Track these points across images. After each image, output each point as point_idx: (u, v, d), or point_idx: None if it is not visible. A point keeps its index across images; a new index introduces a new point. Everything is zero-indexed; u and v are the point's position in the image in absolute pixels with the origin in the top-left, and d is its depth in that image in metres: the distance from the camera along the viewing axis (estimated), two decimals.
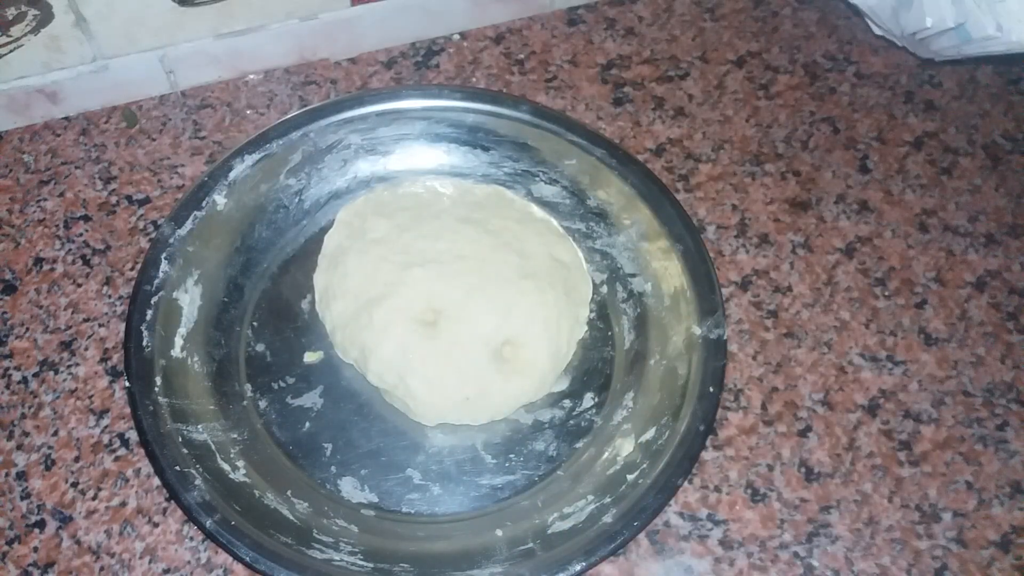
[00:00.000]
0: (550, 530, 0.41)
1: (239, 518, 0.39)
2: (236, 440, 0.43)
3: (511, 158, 0.51)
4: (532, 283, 0.46)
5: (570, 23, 0.61)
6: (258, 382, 0.45)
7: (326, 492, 0.43)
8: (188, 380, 0.43)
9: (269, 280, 0.48)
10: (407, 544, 0.41)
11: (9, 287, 0.49)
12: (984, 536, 0.43)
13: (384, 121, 0.50)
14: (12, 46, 0.50)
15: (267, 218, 0.49)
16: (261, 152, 0.48)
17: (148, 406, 0.41)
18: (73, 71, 0.53)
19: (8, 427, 0.45)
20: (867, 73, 0.61)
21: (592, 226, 0.50)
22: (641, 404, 0.44)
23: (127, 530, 0.42)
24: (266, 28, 0.55)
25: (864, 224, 0.54)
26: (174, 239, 0.45)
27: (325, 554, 0.39)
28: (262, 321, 0.47)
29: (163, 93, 0.57)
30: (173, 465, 0.40)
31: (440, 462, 0.44)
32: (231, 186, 0.47)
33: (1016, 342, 0.49)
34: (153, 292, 0.44)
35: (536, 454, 0.44)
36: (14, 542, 0.42)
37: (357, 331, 0.45)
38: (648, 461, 0.41)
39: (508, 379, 0.44)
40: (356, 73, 0.58)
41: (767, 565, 0.42)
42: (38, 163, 0.54)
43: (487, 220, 0.48)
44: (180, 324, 0.45)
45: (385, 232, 0.47)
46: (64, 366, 0.47)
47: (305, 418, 0.45)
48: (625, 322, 0.48)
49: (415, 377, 0.44)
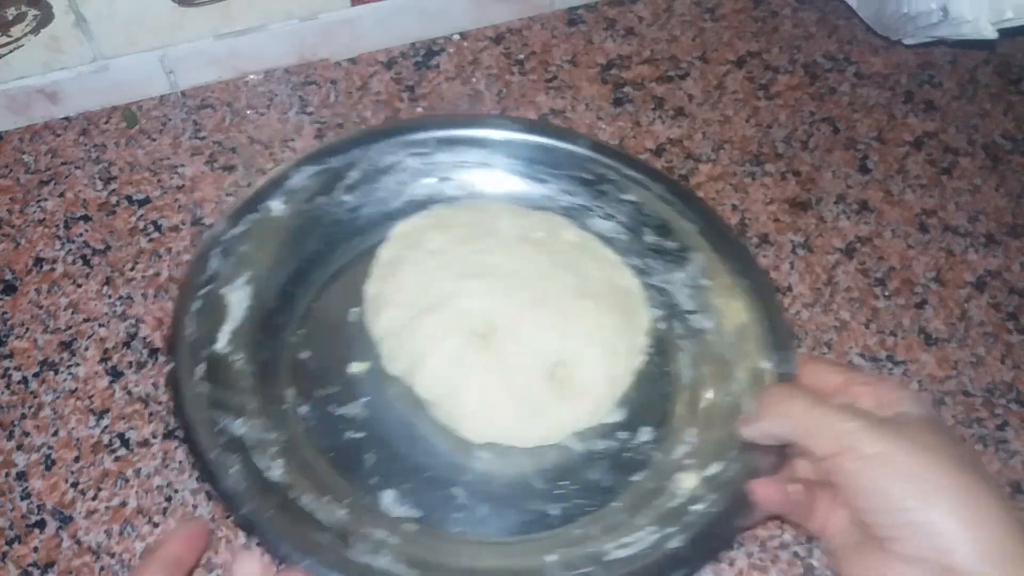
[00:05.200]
0: (608, 557, 0.38)
1: (274, 513, 0.38)
2: (275, 440, 0.41)
3: (568, 192, 0.50)
4: (591, 304, 0.45)
5: (570, 23, 0.61)
6: (301, 388, 0.44)
7: (366, 503, 0.41)
8: (230, 375, 0.42)
9: (318, 289, 0.48)
10: (453, 559, 0.39)
11: (9, 287, 0.49)
12: None
13: (443, 147, 0.50)
14: (12, 46, 0.50)
15: (321, 230, 0.48)
16: (320, 165, 0.48)
17: (189, 389, 0.40)
18: (73, 71, 0.53)
19: (8, 427, 0.45)
20: (867, 73, 0.61)
21: (649, 262, 0.49)
22: (704, 440, 0.42)
23: (127, 530, 0.42)
24: (266, 28, 0.55)
25: (864, 224, 0.54)
26: (227, 237, 0.45)
27: (364, 558, 0.37)
28: (309, 328, 0.46)
29: (163, 93, 0.57)
30: (211, 450, 0.38)
31: (488, 483, 0.42)
32: (288, 194, 0.47)
33: (1016, 342, 0.49)
34: (202, 284, 0.44)
35: (589, 484, 0.42)
36: (14, 542, 0.42)
37: (407, 340, 0.44)
38: (715, 494, 0.39)
39: (562, 401, 0.43)
40: (356, 73, 0.58)
41: (767, 565, 0.42)
42: (38, 163, 0.54)
43: (544, 241, 0.47)
44: (226, 320, 0.44)
45: (441, 245, 0.47)
46: (64, 366, 0.47)
47: (347, 427, 0.43)
48: (683, 358, 0.46)
49: (465, 391, 0.42)
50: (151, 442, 0.44)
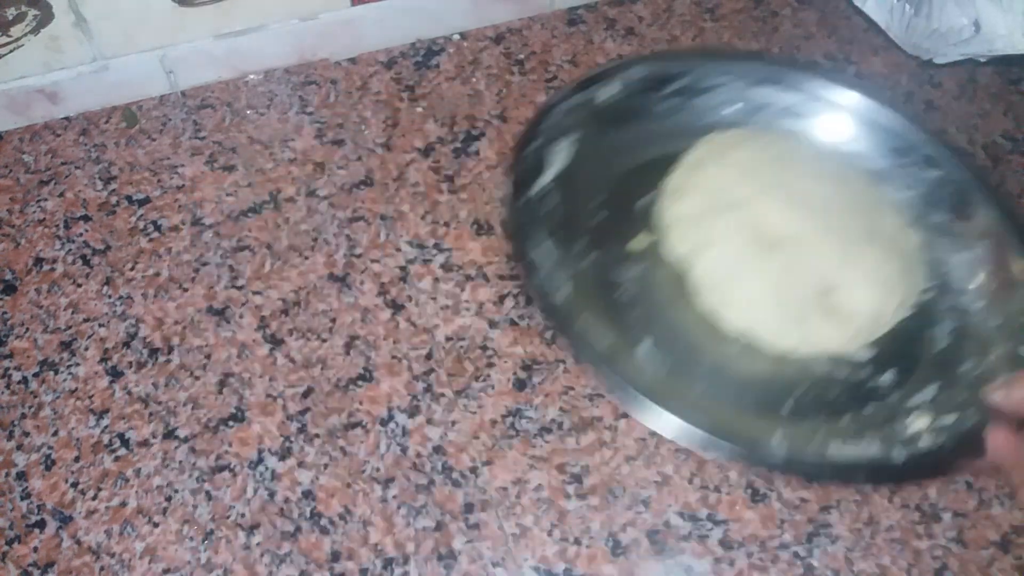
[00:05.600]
0: (827, 452, 0.43)
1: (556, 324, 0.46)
2: (564, 274, 0.48)
3: (875, 156, 0.54)
4: (877, 248, 0.48)
5: (570, 23, 0.61)
6: (591, 243, 0.50)
7: (626, 341, 0.47)
8: (542, 213, 0.50)
9: (622, 173, 0.53)
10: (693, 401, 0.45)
11: (9, 287, 0.49)
12: (984, 536, 0.43)
13: (766, 84, 0.55)
14: (12, 46, 0.50)
15: (636, 124, 0.54)
16: (651, 67, 0.55)
17: (513, 212, 0.49)
18: (73, 71, 0.53)
19: (8, 427, 0.45)
20: (867, 73, 0.61)
21: (934, 237, 0.51)
22: (945, 397, 0.45)
23: (127, 530, 0.42)
24: (266, 28, 0.55)
25: None
26: (569, 102, 0.52)
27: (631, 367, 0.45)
28: (605, 200, 0.52)
29: (163, 93, 0.57)
30: (528, 255, 0.48)
31: (731, 367, 0.47)
32: (622, 84, 0.54)
33: None
34: (541, 133, 0.51)
35: (823, 401, 0.46)
36: (14, 542, 0.42)
37: (696, 229, 0.48)
38: (944, 436, 0.43)
39: (823, 322, 0.46)
40: (356, 73, 0.58)
41: (767, 565, 0.42)
42: (38, 163, 0.54)
43: (846, 183, 0.51)
44: (550, 168, 0.51)
45: (746, 159, 0.51)
46: (64, 366, 0.47)
47: (621, 286, 0.49)
48: (943, 327, 0.49)
49: (738, 284, 0.47)
50: (151, 442, 0.44)
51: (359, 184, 0.53)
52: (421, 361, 0.47)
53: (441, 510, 0.43)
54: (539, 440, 0.45)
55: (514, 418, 0.46)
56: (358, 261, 0.51)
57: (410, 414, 0.46)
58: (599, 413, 0.46)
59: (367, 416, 0.46)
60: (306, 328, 0.48)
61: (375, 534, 0.42)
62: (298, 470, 0.44)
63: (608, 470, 0.44)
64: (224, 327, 0.48)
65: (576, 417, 0.46)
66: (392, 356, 0.47)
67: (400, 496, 0.43)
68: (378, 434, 0.45)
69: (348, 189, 0.53)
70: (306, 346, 0.48)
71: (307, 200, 0.53)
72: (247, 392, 0.46)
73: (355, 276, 0.50)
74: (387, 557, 0.42)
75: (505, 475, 0.44)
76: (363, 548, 0.42)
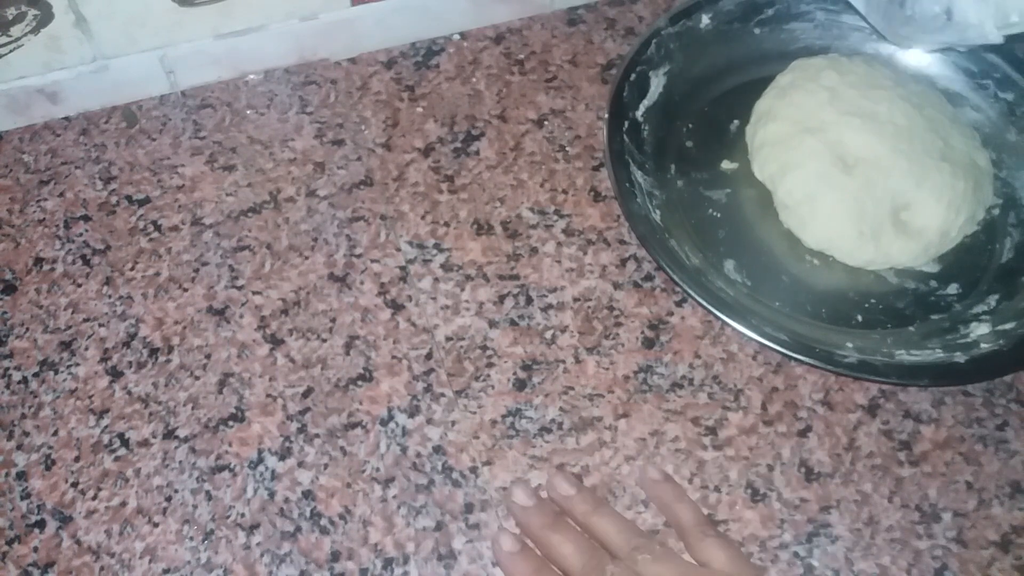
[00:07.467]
0: (897, 357, 0.46)
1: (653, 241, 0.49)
2: (657, 196, 0.52)
3: (951, 77, 0.57)
4: (948, 167, 0.50)
5: (570, 23, 0.61)
6: (681, 167, 0.54)
7: (712, 261, 0.51)
8: (640, 137, 0.54)
9: (714, 97, 0.57)
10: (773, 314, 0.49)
11: (9, 287, 0.49)
12: (984, 536, 0.43)
13: (852, 10, 0.56)
14: (12, 46, 0.50)
15: (729, 50, 0.58)
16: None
17: (615, 138, 0.52)
18: (73, 71, 0.53)
19: (8, 427, 0.45)
20: None
21: (1004, 157, 0.55)
22: (1005, 306, 0.49)
23: (127, 530, 0.42)
24: (266, 28, 0.55)
25: None
26: (665, 32, 0.56)
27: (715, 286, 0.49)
28: (697, 125, 0.56)
29: (163, 93, 0.57)
30: (625, 181, 0.50)
31: (809, 280, 0.50)
32: (716, 13, 0.57)
33: None
34: (639, 63, 0.55)
35: (894, 310, 0.50)
36: (14, 542, 0.42)
37: (783, 151, 0.52)
38: (1004, 340, 0.47)
39: (896, 238, 0.49)
40: (356, 73, 0.58)
41: (767, 565, 0.42)
42: (38, 163, 0.54)
43: (923, 106, 0.53)
44: (646, 96, 0.55)
45: (834, 83, 0.53)
46: (64, 366, 0.47)
47: (709, 206, 0.53)
48: (1008, 242, 0.52)
49: (819, 203, 0.50)
50: (151, 442, 0.45)
51: (359, 184, 0.53)
52: (421, 361, 0.47)
53: (441, 510, 0.43)
54: (539, 440, 0.45)
55: (514, 418, 0.46)
56: (358, 261, 0.51)
57: (410, 414, 0.46)
58: (599, 413, 0.46)
59: (367, 416, 0.46)
60: (306, 328, 0.48)
61: (375, 534, 0.42)
62: (298, 470, 0.44)
63: (608, 470, 0.44)
64: (224, 327, 0.48)
65: (576, 417, 0.46)
66: (392, 356, 0.47)
67: (400, 496, 0.43)
68: (378, 434, 0.45)
69: (348, 189, 0.53)
70: (306, 346, 0.48)
71: (307, 200, 0.53)
72: (247, 392, 0.46)
73: (355, 276, 0.50)
74: (387, 557, 0.42)
75: (505, 475, 0.44)
76: (363, 548, 0.42)
